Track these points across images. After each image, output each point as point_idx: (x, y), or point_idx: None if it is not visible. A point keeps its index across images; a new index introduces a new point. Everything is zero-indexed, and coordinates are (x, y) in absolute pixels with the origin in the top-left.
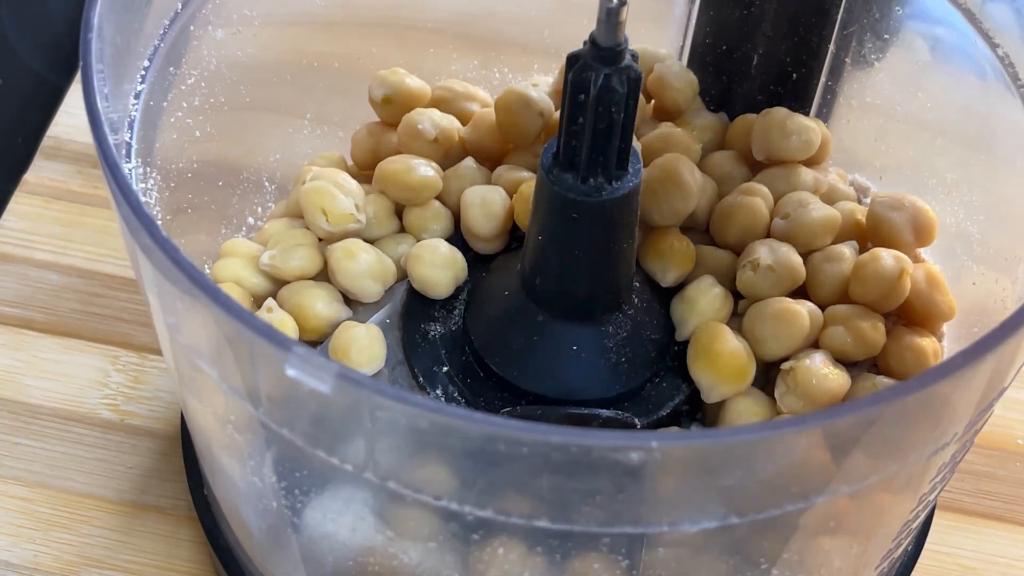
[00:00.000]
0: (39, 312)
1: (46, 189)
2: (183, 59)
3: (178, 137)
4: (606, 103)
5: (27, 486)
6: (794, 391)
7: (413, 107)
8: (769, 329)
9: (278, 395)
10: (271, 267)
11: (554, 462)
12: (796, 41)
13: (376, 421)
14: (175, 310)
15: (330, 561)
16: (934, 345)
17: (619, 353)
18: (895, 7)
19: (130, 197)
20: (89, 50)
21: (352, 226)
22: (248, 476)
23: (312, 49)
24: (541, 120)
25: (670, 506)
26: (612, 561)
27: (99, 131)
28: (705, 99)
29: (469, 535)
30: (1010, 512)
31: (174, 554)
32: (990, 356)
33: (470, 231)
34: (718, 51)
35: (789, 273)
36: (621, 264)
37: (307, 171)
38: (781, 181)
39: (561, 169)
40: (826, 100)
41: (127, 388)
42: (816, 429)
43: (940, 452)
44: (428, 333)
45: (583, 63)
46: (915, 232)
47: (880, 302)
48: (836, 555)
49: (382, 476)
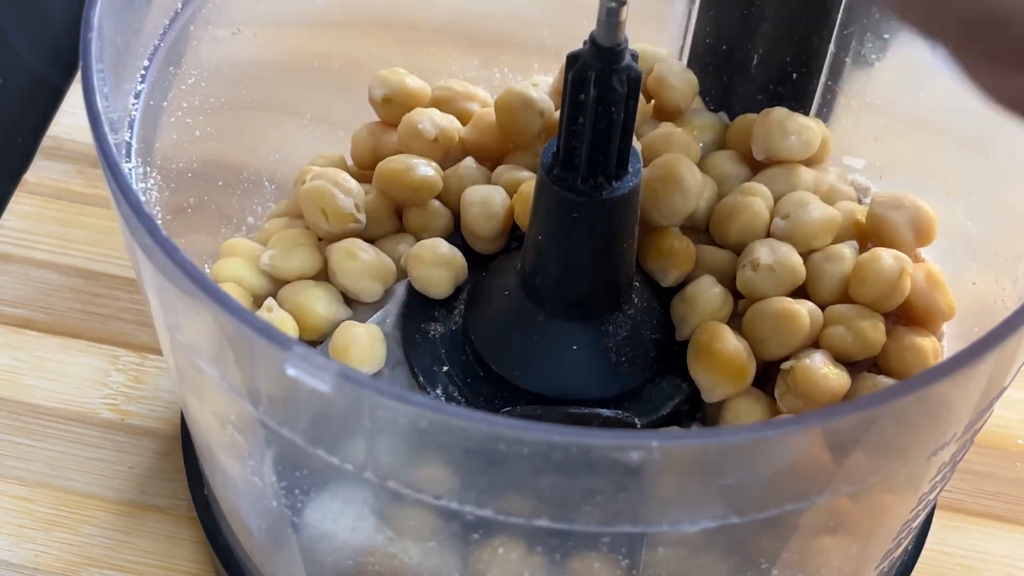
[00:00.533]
0: (39, 312)
1: (46, 189)
2: (183, 59)
3: (178, 137)
4: (606, 103)
5: (27, 486)
6: (794, 391)
7: (413, 107)
8: (769, 329)
9: (278, 394)
10: (271, 267)
11: (554, 462)
12: (796, 41)
13: (376, 421)
14: (175, 310)
15: (330, 561)
16: (934, 345)
17: (619, 353)
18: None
19: (130, 197)
20: (89, 50)
21: (352, 226)
22: (248, 476)
23: (312, 49)
24: (541, 120)
25: (670, 506)
26: (612, 561)
27: (99, 131)
28: (705, 99)
29: (469, 535)
30: (1010, 512)
31: (174, 554)
32: (990, 356)
33: (470, 231)
34: (718, 51)
35: (789, 273)
36: (621, 264)
37: (307, 171)
38: (781, 181)
39: (561, 169)
40: (826, 100)
41: (127, 388)
42: (816, 429)
43: (940, 452)
44: (428, 333)
45: (583, 63)
46: (915, 232)
47: (880, 302)
48: (836, 555)
49: (382, 476)
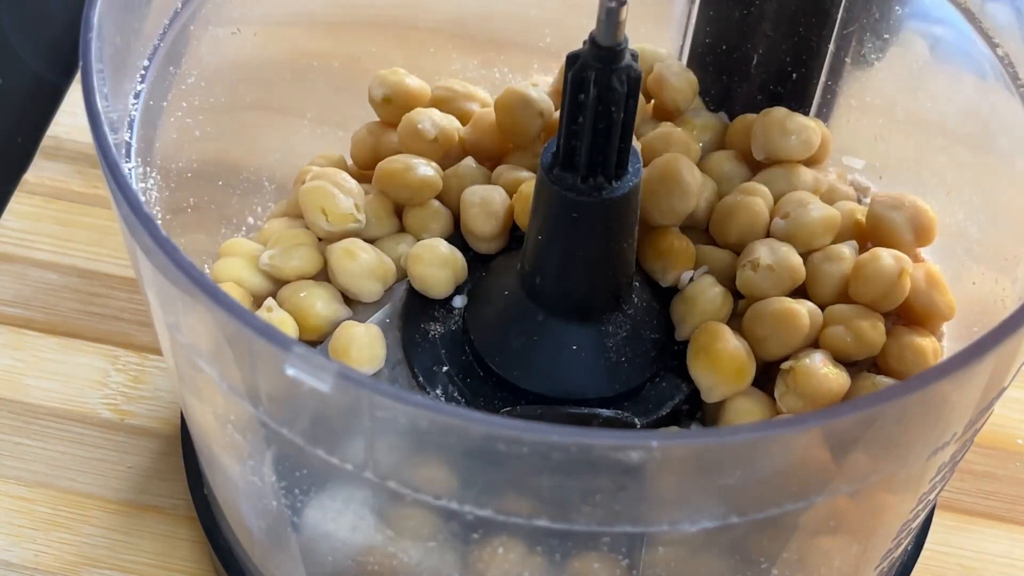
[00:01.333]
0: (39, 312)
1: (46, 189)
2: (183, 59)
3: (178, 137)
4: (606, 103)
5: (27, 486)
6: (794, 391)
7: (413, 107)
8: (769, 329)
9: (278, 394)
10: (271, 267)
11: (554, 461)
12: (796, 41)
13: (376, 421)
14: (175, 310)
15: (330, 561)
16: (934, 345)
17: (619, 353)
18: (895, 7)
19: (130, 197)
20: (89, 50)
21: (352, 226)
22: (248, 475)
23: (312, 49)
24: (541, 120)
25: (670, 505)
26: (612, 561)
27: (99, 131)
28: (705, 99)
29: (469, 534)
30: (1010, 512)
31: (173, 554)
32: (990, 356)
33: (470, 231)
34: (718, 51)
35: (789, 273)
36: (621, 264)
37: (307, 171)
38: (781, 181)
39: (561, 169)
40: (826, 100)
41: (127, 388)
42: (816, 429)
43: (940, 452)
44: (428, 333)
45: (583, 63)
46: (915, 232)
47: (880, 302)
48: (836, 554)
49: (382, 476)
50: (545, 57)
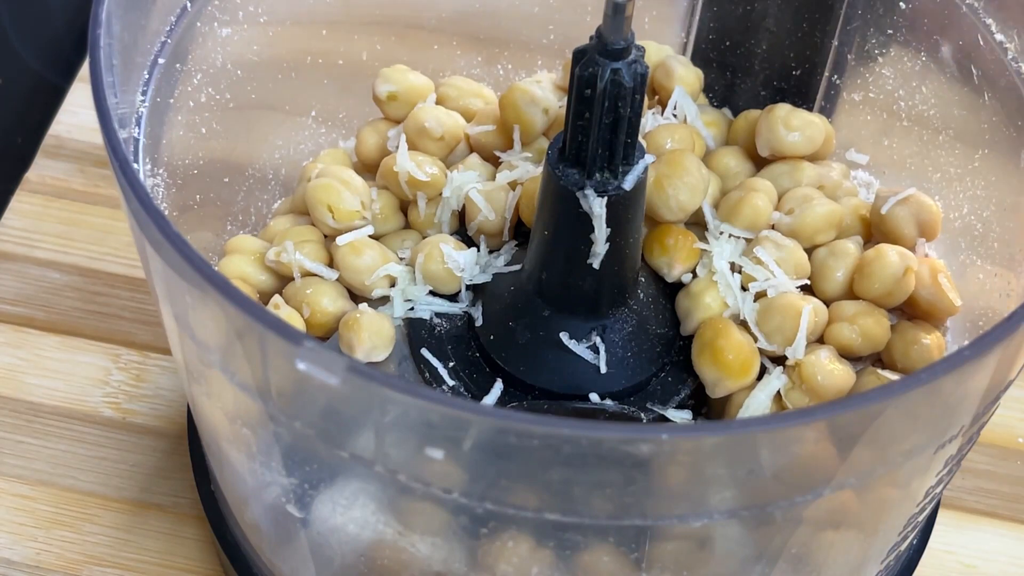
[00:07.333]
0: (40, 310)
1: (48, 188)
2: (189, 56)
3: (184, 134)
4: (613, 98)
5: (29, 484)
6: (799, 386)
7: (417, 104)
8: (774, 324)
9: (288, 389)
10: (277, 263)
11: (565, 455)
12: (799, 37)
13: (386, 414)
14: (184, 305)
15: (339, 556)
16: (939, 340)
17: (624, 348)
18: (898, 2)
19: (140, 192)
20: (98, 45)
21: (358, 222)
22: (257, 471)
23: (317, 47)
24: (545, 116)
25: (679, 499)
26: (621, 554)
27: (108, 127)
28: (709, 95)
29: (478, 528)
30: (1011, 510)
31: (177, 552)
32: (995, 350)
33: (475, 227)
34: (722, 47)
35: (793, 268)
36: (627, 259)
37: (312, 168)
38: (785, 177)
39: (567, 164)
40: (829, 96)
41: (128, 386)
42: (823, 422)
43: (947, 446)
44: (434, 329)
45: (589, 58)
46: (919, 227)
47: (885, 298)
48: (843, 548)
49: (392, 469)
50: (548, 54)
